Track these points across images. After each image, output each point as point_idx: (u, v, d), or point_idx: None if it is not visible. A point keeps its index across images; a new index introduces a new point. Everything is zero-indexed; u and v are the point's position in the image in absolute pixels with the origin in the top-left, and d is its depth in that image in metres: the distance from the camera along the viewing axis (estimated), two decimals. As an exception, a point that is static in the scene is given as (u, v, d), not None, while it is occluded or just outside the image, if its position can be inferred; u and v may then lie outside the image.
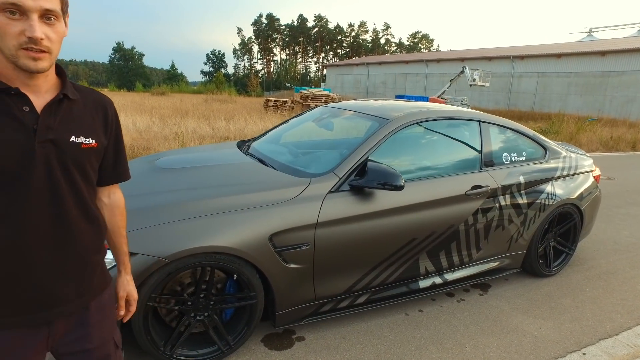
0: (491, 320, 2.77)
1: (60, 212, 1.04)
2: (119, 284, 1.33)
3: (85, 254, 1.12)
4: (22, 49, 0.91)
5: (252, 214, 2.10)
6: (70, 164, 1.04)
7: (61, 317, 1.09)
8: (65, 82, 1.06)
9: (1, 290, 0.99)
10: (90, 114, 1.11)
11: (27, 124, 0.97)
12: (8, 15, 0.88)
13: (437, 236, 2.72)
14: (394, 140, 2.69)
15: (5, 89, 0.94)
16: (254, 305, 2.20)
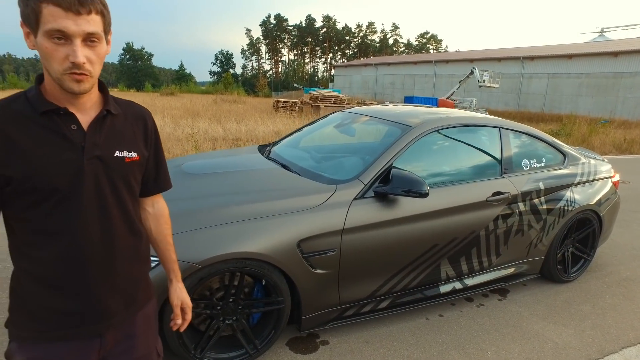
0: (511, 326, 2.78)
1: (108, 226, 1.07)
2: (172, 292, 1.34)
3: (131, 266, 1.15)
4: (67, 74, 0.94)
5: (281, 221, 2.15)
6: (116, 178, 1.08)
7: (111, 329, 1.12)
8: (108, 98, 1.10)
9: (58, 304, 1.03)
10: (131, 127, 1.14)
11: (76, 142, 1.00)
12: (54, 41, 0.91)
13: (458, 242, 2.74)
14: (415, 146, 2.72)
15: (55, 110, 0.98)
16: (282, 310, 2.24)
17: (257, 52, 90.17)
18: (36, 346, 1.04)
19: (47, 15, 0.88)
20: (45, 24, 0.89)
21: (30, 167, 0.95)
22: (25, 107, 0.98)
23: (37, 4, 0.88)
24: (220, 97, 31.21)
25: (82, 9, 0.90)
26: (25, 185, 0.96)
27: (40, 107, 0.97)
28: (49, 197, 0.98)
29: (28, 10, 0.90)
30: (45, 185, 0.97)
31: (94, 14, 0.93)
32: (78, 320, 1.06)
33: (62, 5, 0.88)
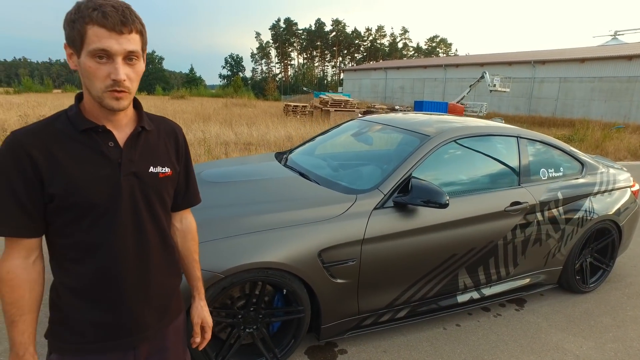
0: (530, 337, 2.76)
1: (143, 240, 1.10)
2: (194, 310, 1.35)
3: (164, 280, 1.18)
4: (107, 91, 0.97)
5: (302, 230, 2.17)
6: (151, 193, 1.11)
7: (145, 341, 1.14)
8: (142, 114, 1.13)
9: (96, 317, 1.06)
10: (164, 142, 1.17)
11: (113, 159, 1.04)
12: (97, 60, 0.94)
13: (476, 252, 2.74)
14: (433, 156, 2.73)
15: (94, 128, 1.02)
16: (302, 319, 2.26)
17: (266, 55, 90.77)
18: (75, 358, 1.07)
19: (92, 35, 0.92)
20: (90, 44, 0.93)
21: (71, 184, 0.98)
22: (67, 126, 1.02)
23: (83, 26, 0.92)
24: (231, 101, 31.45)
25: (124, 29, 0.94)
26: (67, 201, 0.99)
27: (80, 126, 1.01)
28: (89, 213, 1.01)
29: (74, 33, 0.94)
30: (85, 202, 1.00)
31: (134, 33, 0.97)
32: (114, 332, 1.09)
33: (107, 26, 0.92)
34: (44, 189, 0.97)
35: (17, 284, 0.99)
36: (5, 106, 14.24)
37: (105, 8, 0.92)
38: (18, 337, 1.00)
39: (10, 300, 0.99)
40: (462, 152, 2.95)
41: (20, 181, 0.96)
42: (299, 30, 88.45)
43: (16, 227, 0.98)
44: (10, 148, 0.96)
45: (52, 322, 1.08)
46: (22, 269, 0.99)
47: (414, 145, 2.71)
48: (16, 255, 1.00)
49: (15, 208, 0.97)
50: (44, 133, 0.99)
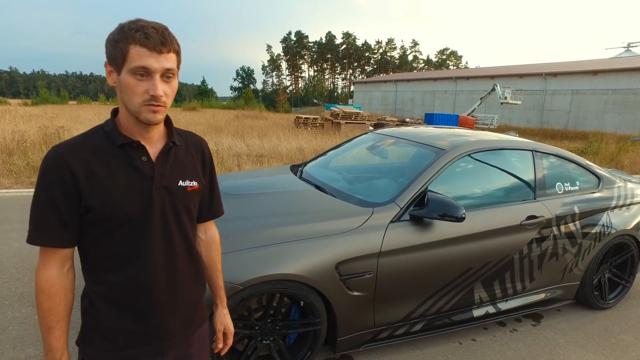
0: (547, 354, 2.73)
1: (171, 251, 1.14)
2: (217, 317, 1.39)
3: (190, 290, 1.22)
4: (145, 105, 1.02)
5: (320, 243, 2.19)
6: (179, 206, 1.15)
7: (172, 348, 1.18)
8: (172, 130, 1.18)
9: (126, 324, 1.10)
10: (191, 156, 1.22)
11: (146, 173, 1.09)
12: (137, 77, 1.00)
13: (492, 266, 2.73)
14: (449, 169, 2.74)
15: (129, 143, 1.07)
16: (318, 331, 2.27)
17: (277, 68, 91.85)
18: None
19: (134, 54, 0.99)
20: (131, 63, 0.99)
21: (107, 197, 1.03)
22: (104, 141, 1.07)
23: (125, 46, 0.99)
24: (242, 113, 31.78)
25: (164, 49, 1.01)
26: (102, 213, 1.04)
27: (117, 141, 1.06)
28: (122, 225, 1.06)
29: (116, 52, 1.00)
30: (119, 214, 1.05)
31: (172, 52, 1.04)
32: (144, 340, 1.12)
33: (148, 46, 0.98)
34: (82, 201, 1.02)
35: (54, 292, 1.03)
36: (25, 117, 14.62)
37: (147, 30, 0.99)
38: (55, 342, 1.05)
39: (48, 307, 1.03)
40: (477, 165, 2.96)
41: (60, 194, 1.01)
42: (309, 43, 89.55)
43: (54, 238, 1.03)
44: (52, 162, 1.01)
45: (84, 329, 1.12)
46: (58, 277, 1.04)
47: (430, 159, 2.73)
48: (53, 265, 1.04)
49: (54, 219, 1.02)
50: (83, 148, 1.05)
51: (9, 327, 2.65)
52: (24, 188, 6.48)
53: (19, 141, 8.78)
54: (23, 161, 7.68)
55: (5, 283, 3.22)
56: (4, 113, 16.83)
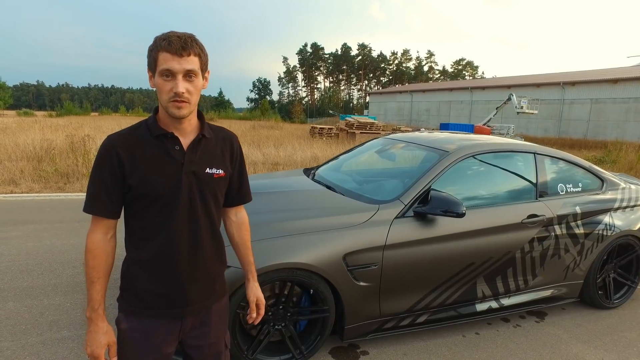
0: (549, 347, 2.82)
1: (194, 228, 1.31)
2: (249, 290, 1.55)
3: (209, 264, 1.38)
4: (171, 101, 1.20)
5: (328, 236, 2.38)
6: (206, 190, 1.32)
7: (190, 315, 1.35)
8: (204, 124, 1.35)
9: (153, 287, 1.30)
10: (220, 148, 1.39)
11: (177, 159, 1.27)
12: (164, 78, 1.19)
13: (494, 261, 2.85)
14: (452, 171, 2.90)
15: (165, 134, 1.27)
16: (327, 319, 2.44)
17: (293, 79, 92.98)
18: (135, 319, 1.31)
19: (161, 59, 1.18)
20: (160, 66, 1.19)
21: (144, 178, 1.24)
22: (145, 132, 1.28)
23: (156, 53, 1.19)
24: (258, 123, 32.34)
25: (184, 52, 1.18)
26: (140, 191, 1.24)
27: (155, 132, 1.27)
28: (155, 202, 1.26)
29: (151, 59, 1.22)
30: (153, 192, 1.24)
31: (193, 55, 1.20)
32: (167, 302, 1.31)
33: (171, 51, 1.17)
34: (125, 180, 1.23)
35: (97, 253, 1.25)
36: (52, 127, 15.33)
37: (172, 38, 1.18)
38: (95, 294, 1.25)
39: (92, 265, 1.24)
40: (480, 167, 3.11)
41: (109, 174, 1.23)
42: (325, 54, 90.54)
43: (102, 209, 1.24)
44: (105, 148, 1.24)
45: (122, 288, 1.34)
46: (102, 242, 1.26)
47: (434, 160, 2.90)
48: (98, 231, 1.26)
49: (103, 194, 1.24)
50: (129, 137, 1.26)
51: (45, 312, 2.90)
52: (52, 192, 6.85)
53: (47, 149, 9.25)
54: (51, 167, 8.10)
55: (40, 275, 3.49)
56: (33, 124, 17.64)
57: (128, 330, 1.30)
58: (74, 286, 3.32)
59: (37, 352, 2.45)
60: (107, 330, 1.27)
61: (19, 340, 2.56)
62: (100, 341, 1.25)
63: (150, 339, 1.31)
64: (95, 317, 1.25)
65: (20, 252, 3.96)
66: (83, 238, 4.46)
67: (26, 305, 2.97)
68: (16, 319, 2.79)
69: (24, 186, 7.05)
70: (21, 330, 2.66)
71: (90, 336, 1.26)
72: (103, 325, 1.26)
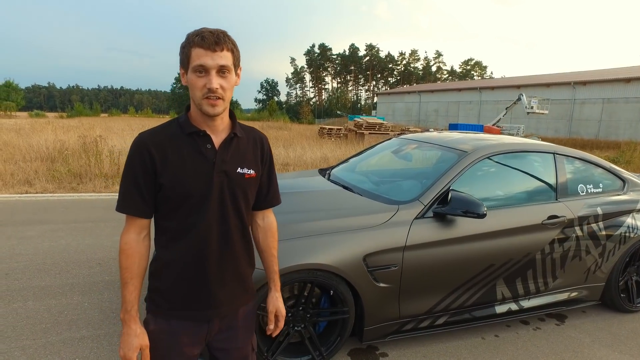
0: (571, 351, 2.78)
1: (226, 229, 1.28)
2: (269, 300, 1.48)
3: (239, 266, 1.34)
4: (204, 98, 1.17)
5: (348, 236, 2.36)
6: (237, 190, 1.29)
7: (217, 317, 1.32)
8: (235, 123, 1.32)
9: (182, 288, 1.26)
10: (252, 148, 1.36)
11: (209, 158, 1.24)
12: (197, 74, 1.16)
13: (514, 263, 2.81)
14: (470, 171, 2.86)
15: (197, 132, 1.24)
16: (346, 320, 2.42)
17: (301, 80, 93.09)
18: (163, 320, 1.29)
19: (194, 55, 1.16)
20: (193, 62, 1.16)
21: (175, 177, 1.21)
22: (177, 130, 1.25)
23: (189, 50, 1.17)
24: (266, 124, 32.42)
25: (217, 47, 1.15)
26: (171, 191, 1.21)
27: (187, 130, 1.24)
28: (186, 201, 1.22)
29: (183, 56, 1.19)
30: (184, 192, 1.21)
31: (226, 50, 1.18)
32: (194, 304, 1.28)
33: (204, 46, 1.15)
34: (157, 179, 1.21)
35: (131, 253, 1.22)
36: (64, 128, 15.49)
37: (204, 33, 1.15)
38: (128, 295, 1.23)
39: (125, 265, 1.22)
40: (499, 167, 3.07)
41: (141, 172, 1.20)
42: (333, 55, 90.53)
43: (135, 208, 1.22)
44: (136, 146, 1.21)
45: (150, 289, 1.31)
46: (135, 242, 1.23)
47: (453, 161, 2.87)
48: (132, 231, 1.23)
49: (136, 193, 1.21)
50: (161, 135, 1.24)
51: (64, 311, 2.91)
52: (66, 193, 6.92)
53: (60, 150, 9.35)
54: (64, 168, 8.18)
55: (57, 275, 3.51)
56: (46, 125, 17.85)
57: (156, 332, 1.28)
58: (90, 286, 3.34)
59: (58, 351, 2.46)
60: (139, 332, 1.25)
61: (39, 339, 2.58)
62: (132, 344, 1.23)
63: (177, 341, 1.28)
64: (129, 318, 1.24)
65: (37, 252, 4.00)
66: (98, 238, 4.49)
67: (45, 305, 2.99)
68: (36, 317, 2.81)
69: (39, 186, 7.13)
70: (42, 329, 2.68)
71: (124, 338, 1.24)
72: (136, 327, 1.24)
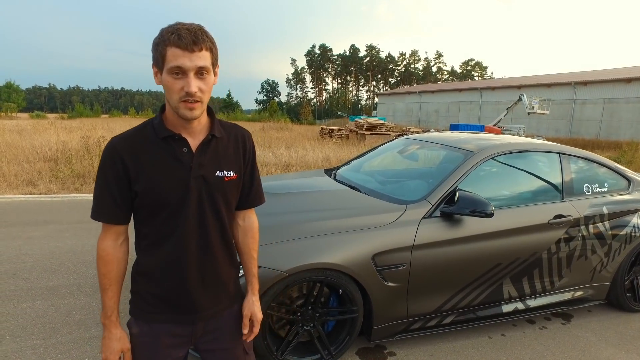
0: (578, 350, 2.79)
1: (205, 234, 1.25)
2: (245, 303, 1.41)
3: (220, 270, 1.31)
4: (182, 102, 1.11)
5: (357, 236, 2.37)
6: (216, 194, 1.24)
7: (201, 320, 1.29)
8: (214, 122, 1.25)
9: (161, 293, 1.25)
10: (233, 147, 1.29)
11: (186, 162, 1.19)
12: (174, 76, 1.09)
13: (520, 262, 2.82)
14: (477, 171, 2.88)
15: (172, 135, 1.18)
16: (355, 319, 2.43)
17: (301, 81, 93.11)
18: (145, 323, 1.27)
19: (170, 56, 1.07)
20: (168, 63, 1.08)
21: (150, 184, 1.17)
22: (151, 133, 1.19)
23: (164, 48, 1.08)
24: (268, 125, 32.44)
25: (195, 47, 1.08)
26: (147, 198, 1.18)
27: (161, 134, 1.18)
28: (163, 208, 1.19)
29: (157, 54, 1.10)
30: (160, 199, 1.18)
31: (205, 50, 1.10)
32: (176, 308, 1.26)
33: (181, 46, 1.06)
34: (131, 186, 1.17)
35: (109, 260, 1.21)
36: (66, 129, 15.52)
37: (181, 31, 1.07)
38: (108, 301, 1.22)
39: (104, 272, 1.21)
40: (505, 167, 3.08)
41: (114, 179, 1.16)
42: (333, 56, 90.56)
43: (109, 215, 1.19)
44: (108, 152, 1.17)
45: (132, 292, 1.30)
46: (112, 248, 1.21)
47: (459, 160, 2.88)
48: (109, 238, 1.21)
49: (110, 200, 1.18)
50: (133, 139, 1.18)
51: (72, 311, 2.93)
52: (70, 193, 6.94)
53: (62, 150, 9.36)
54: (68, 169, 8.20)
55: (64, 275, 3.53)
56: (48, 126, 17.88)
57: (138, 335, 1.27)
58: (97, 287, 3.35)
59: (68, 351, 2.48)
60: (120, 336, 1.24)
61: (49, 338, 2.59)
62: (114, 347, 1.23)
63: (161, 344, 1.27)
64: (109, 323, 1.23)
65: (44, 252, 4.01)
66: (104, 238, 4.50)
67: (54, 305, 3.01)
68: (45, 317, 2.83)
69: (42, 187, 7.15)
70: (51, 329, 2.69)
71: (105, 342, 1.24)
72: (117, 331, 1.24)
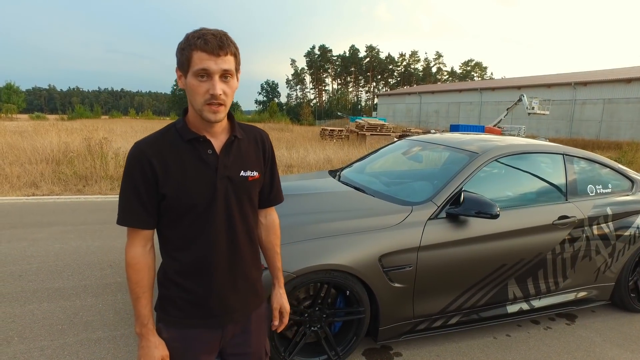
0: (583, 350, 2.80)
1: (232, 235, 1.25)
2: (274, 297, 1.47)
3: (248, 271, 1.32)
4: (206, 105, 1.13)
5: (364, 237, 2.38)
6: (241, 194, 1.26)
7: (231, 323, 1.30)
8: (234, 124, 1.28)
9: (191, 297, 1.24)
10: (253, 148, 1.32)
11: (211, 164, 1.20)
12: (199, 79, 1.11)
13: (525, 263, 2.84)
14: (481, 172, 2.89)
15: (196, 138, 1.19)
16: (362, 320, 2.44)
17: (301, 81, 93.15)
18: (175, 329, 1.26)
19: (196, 59, 1.10)
20: (194, 66, 1.11)
21: (179, 187, 1.17)
22: (175, 137, 1.21)
23: (190, 52, 1.11)
24: (268, 125, 32.47)
25: (221, 52, 1.11)
26: (175, 200, 1.18)
27: (186, 137, 1.20)
28: (191, 210, 1.20)
29: (183, 58, 1.13)
30: (188, 201, 1.18)
31: (229, 55, 1.13)
32: (206, 312, 1.26)
33: (207, 50, 1.10)
34: (159, 189, 1.17)
35: (139, 267, 1.20)
36: (67, 131, 15.52)
37: (207, 36, 1.10)
38: (142, 309, 1.21)
39: (135, 280, 1.20)
40: (509, 168, 3.09)
41: (142, 183, 1.16)
42: (333, 56, 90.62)
43: (139, 220, 1.18)
44: (135, 156, 1.17)
45: (159, 297, 1.28)
46: (142, 255, 1.20)
47: (464, 162, 2.89)
48: (137, 244, 1.20)
49: (138, 205, 1.17)
50: (159, 143, 1.19)
51: (79, 312, 2.94)
52: (72, 195, 6.95)
53: (64, 152, 9.37)
54: (70, 170, 8.21)
55: (70, 276, 3.54)
56: (49, 127, 17.88)
57: (169, 340, 1.26)
58: (103, 288, 3.36)
59: (76, 352, 2.49)
60: (159, 344, 1.23)
61: (57, 340, 2.60)
62: (154, 356, 1.21)
63: (191, 349, 1.27)
64: (146, 332, 1.22)
65: (49, 254, 4.02)
66: (107, 240, 4.51)
67: (60, 306, 3.02)
68: (52, 319, 2.84)
69: (45, 189, 7.16)
70: (58, 331, 2.70)
71: (144, 352, 1.22)
72: (155, 339, 1.23)
